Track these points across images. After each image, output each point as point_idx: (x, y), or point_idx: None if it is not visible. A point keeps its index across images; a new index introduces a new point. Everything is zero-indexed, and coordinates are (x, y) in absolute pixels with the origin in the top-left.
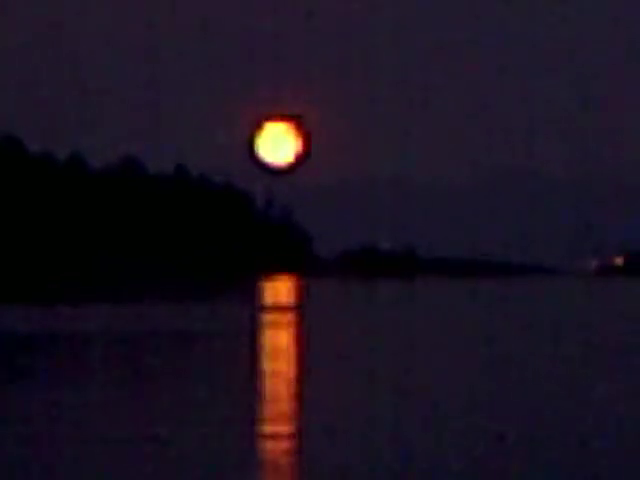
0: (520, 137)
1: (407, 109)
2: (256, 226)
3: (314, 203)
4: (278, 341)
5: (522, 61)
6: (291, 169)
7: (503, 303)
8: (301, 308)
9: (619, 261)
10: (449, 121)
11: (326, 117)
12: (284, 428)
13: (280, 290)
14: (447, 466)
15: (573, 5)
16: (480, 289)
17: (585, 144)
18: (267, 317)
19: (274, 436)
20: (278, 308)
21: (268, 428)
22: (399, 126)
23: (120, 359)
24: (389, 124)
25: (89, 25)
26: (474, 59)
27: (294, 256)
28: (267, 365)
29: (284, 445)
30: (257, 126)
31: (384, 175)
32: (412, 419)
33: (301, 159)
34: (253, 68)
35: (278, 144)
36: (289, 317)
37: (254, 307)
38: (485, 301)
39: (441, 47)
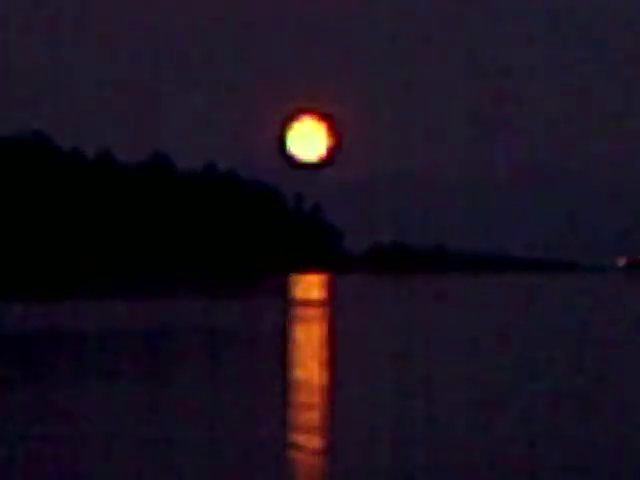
0: (552, 134)
1: (438, 107)
2: (286, 222)
3: (343, 199)
4: (309, 337)
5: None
6: (321, 165)
7: (531, 300)
8: (331, 303)
9: None
10: (481, 119)
11: (356, 113)
12: (313, 431)
13: (311, 286)
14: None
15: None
16: (508, 285)
17: (612, 141)
18: (298, 313)
19: (303, 434)
20: (309, 303)
21: (297, 427)
22: (430, 123)
23: (154, 355)
24: (420, 121)
25: (119, 21)
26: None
27: (324, 252)
28: (297, 362)
29: (313, 445)
30: (287, 123)
31: (414, 171)
32: (439, 416)
33: (331, 155)
34: (284, 65)
35: (309, 141)
36: (320, 312)
37: (285, 303)
38: (513, 297)
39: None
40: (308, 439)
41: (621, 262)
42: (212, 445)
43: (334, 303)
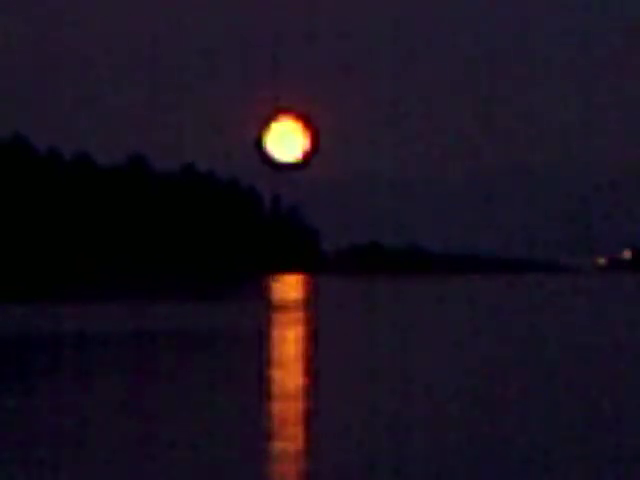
0: (522, 134)
1: (414, 106)
2: (263, 223)
3: (321, 199)
4: (287, 338)
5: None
6: (299, 166)
7: (506, 299)
8: (309, 305)
9: (627, 255)
10: (453, 120)
11: (334, 114)
12: (293, 430)
13: (289, 286)
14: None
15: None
16: (485, 285)
17: (586, 138)
18: (276, 313)
19: (282, 438)
20: (287, 304)
21: (276, 429)
22: (406, 124)
23: (125, 359)
24: (396, 121)
25: (95, 23)
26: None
27: (301, 252)
28: (276, 363)
29: (292, 446)
30: (265, 124)
31: (390, 172)
32: (415, 417)
33: (309, 156)
34: (260, 66)
35: (286, 141)
36: (298, 313)
37: (263, 304)
38: (489, 297)
39: (452, 46)
40: (285, 446)
41: (602, 261)
42: (192, 447)
43: (311, 303)
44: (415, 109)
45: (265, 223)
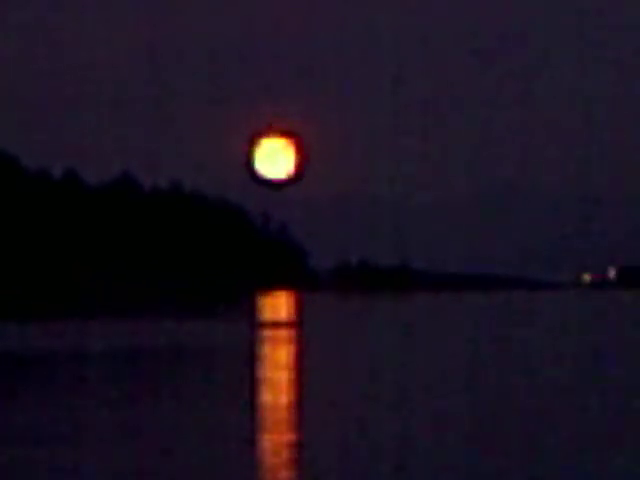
0: (510, 152)
1: (403, 125)
2: (252, 241)
3: (309, 218)
4: (276, 357)
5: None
6: (288, 184)
7: (490, 317)
8: (297, 324)
9: (612, 274)
10: (443, 137)
11: (323, 131)
12: (283, 440)
13: (276, 305)
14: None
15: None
16: (475, 303)
17: (579, 156)
18: (264, 333)
19: (273, 449)
20: (275, 324)
21: (266, 442)
22: (395, 142)
23: (117, 375)
24: (385, 140)
25: (85, 40)
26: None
27: (290, 271)
28: (265, 381)
29: (283, 457)
30: (253, 141)
31: (380, 190)
32: (414, 433)
33: (299, 173)
34: (249, 83)
35: (275, 159)
36: (286, 333)
37: (251, 322)
38: (478, 315)
39: (445, 59)
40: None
41: (586, 279)
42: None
43: (300, 321)
44: (407, 127)
45: (254, 241)
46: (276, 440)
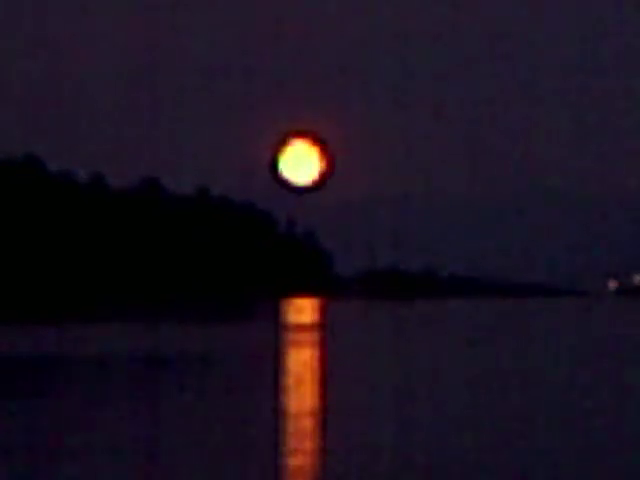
0: (538, 155)
1: (431, 129)
2: (279, 246)
3: (336, 222)
4: (301, 362)
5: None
6: (314, 188)
7: (522, 324)
8: (323, 328)
9: (638, 280)
10: (469, 139)
11: (349, 136)
12: (306, 449)
13: (302, 310)
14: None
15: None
16: (499, 309)
17: (601, 162)
18: (290, 337)
19: (296, 455)
20: (301, 328)
21: (289, 451)
22: (422, 147)
23: (139, 381)
24: (412, 144)
25: (113, 46)
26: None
27: (316, 276)
28: (290, 387)
29: (306, 463)
30: (280, 145)
31: (407, 194)
32: (443, 445)
33: (324, 178)
34: (275, 87)
35: (301, 163)
36: (312, 337)
37: (276, 327)
38: (503, 321)
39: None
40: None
41: (612, 285)
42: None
43: (326, 327)
44: (435, 132)
45: (280, 246)
46: (299, 446)
